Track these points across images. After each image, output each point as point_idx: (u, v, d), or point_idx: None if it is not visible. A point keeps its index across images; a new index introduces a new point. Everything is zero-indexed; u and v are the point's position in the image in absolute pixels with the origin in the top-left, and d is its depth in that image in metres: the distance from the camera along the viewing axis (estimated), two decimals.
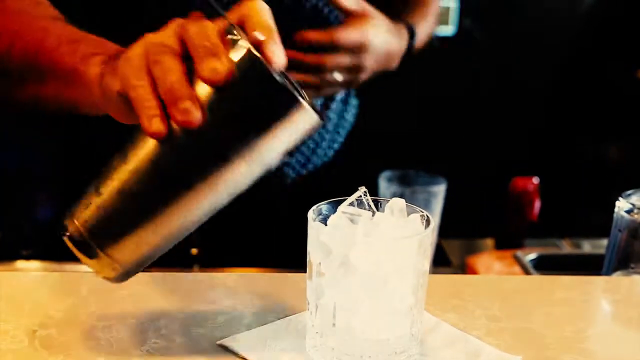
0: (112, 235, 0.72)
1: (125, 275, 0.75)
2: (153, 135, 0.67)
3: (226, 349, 0.78)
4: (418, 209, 0.77)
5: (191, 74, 0.68)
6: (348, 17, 1.25)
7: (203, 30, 0.68)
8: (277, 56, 0.69)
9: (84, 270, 0.77)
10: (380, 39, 1.27)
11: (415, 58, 1.46)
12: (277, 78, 0.67)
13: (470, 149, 2.49)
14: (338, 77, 1.24)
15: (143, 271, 0.92)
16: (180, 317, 0.83)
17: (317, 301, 0.75)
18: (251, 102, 0.67)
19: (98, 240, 0.72)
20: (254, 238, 1.40)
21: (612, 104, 2.48)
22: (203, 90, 0.67)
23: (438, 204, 1.54)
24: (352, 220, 0.74)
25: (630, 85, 2.48)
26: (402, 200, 0.77)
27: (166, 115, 0.67)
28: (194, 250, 1.38)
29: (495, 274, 1.50)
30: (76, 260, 0.75)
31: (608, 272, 1.03)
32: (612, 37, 2.46)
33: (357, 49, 1.23)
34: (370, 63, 1.27)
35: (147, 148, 0.69)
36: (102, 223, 0.71)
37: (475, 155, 2.50)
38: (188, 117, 0.66)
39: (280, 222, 1.34)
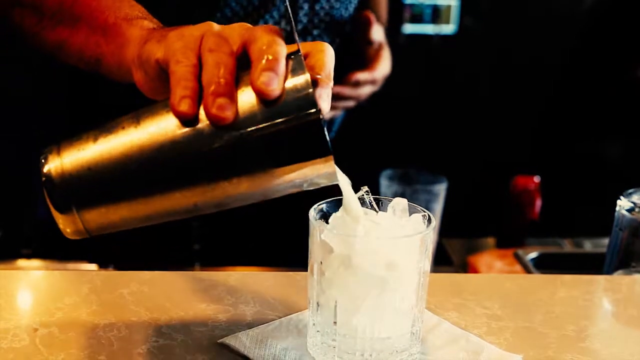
0: (90, 189, 0.68)
1: (80, 233, 0.71)
2: (177, 114, 0.66)
3: (227, 348, 0.78)
4: (419, 208, 0.77)
5: (237, 80, 0.67)
6: (372, 46, 1.41)
7: (274, 43, 0.67)
8: (325, 102, 0.69)
9: (85, 269, 0.77)
10: (387, 55, 1.45)
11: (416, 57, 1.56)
12: (323, 122, 0.66)
13: (471, 148, 2.49)
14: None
15: (144, 270, 0.92)
16: (181, 316, 0.83)
17: (318, 300, 0.75)
18: (286, 130, 0.66)
19: (73, 186, 0.68)
20: (255, 237, 1.41)
21: (613, 103, 2.47)
22: (245, 96, 0.66)
23: (439, 203, 1.54)
24: (353, 218, 0.74)
25: (631, 85, 2.48)
26: (405, 200, 0.77)
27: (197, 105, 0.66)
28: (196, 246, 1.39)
29: (497, 272, 1.50)
30: (77, 258, 0.74)
31: (609, 271, 1.03)
32: (613, 36, 2.46)
33: (374, 81, 1.41)
34: (381, 73, 1.44)
35: (162, 123, 0.67)
36: (85, 171, 0.68)
37: (476, 154, 2.50)
38: (221, 113, 0.65)
39: (282, 221, 1.34)
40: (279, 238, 1.38)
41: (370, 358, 0.74)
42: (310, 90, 0.66)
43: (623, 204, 1.00)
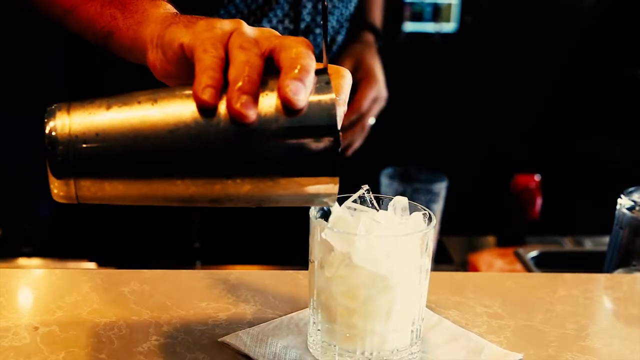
0: (93, 156, 0.66)
1: (69, 199, 0.68)
2: (199, 101, 0.65)
3: (228, 346, 0.78)
4: (420, 206, 0.77)
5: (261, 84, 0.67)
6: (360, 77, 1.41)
7: (306, 56, 0.67)
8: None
9: (85, 267, 0.77)
10: (380, 71, 1.44)
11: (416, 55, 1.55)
12: (340, 141, 0.66)
13: (471, 147, 2.49)
14: (372, 120, 1.42)
15: (144, 268, 0.92)
16: (181, 314, 0.83)
17: (319, 298, 0.75)
18: (303, 143, 0.66)
19: (77, 149, 0.66)
20: (255, 235, 1.41)
21: (614, 101, 2.47)
22: (267, 101, 0.66)
23: (440, 202, 1.54)
24: (353, 217, 0.74)
25: (632, 83, 2.48)
26: (405, 198, 0.77)
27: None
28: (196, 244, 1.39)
29: (497, 271, 1.50)
30: (77, 256, 0.74)
31: (609, 270, 1.03)
32: (614, 35, 2.46)
33: (375, 99, 1.42)
34: (383, 91, 1.45)
35: (179, 107, 0.66)
36: (92, 136, 0.66)
37: (476, 153, 2.50)
38: (244, 110, 0.64)
39: (282, 219, 1.34)
40: (280, 236, 1.38)
41: (371, 357, 0.74)
42: (334, 110, 0.66)
43: (623, 203, 1.00)
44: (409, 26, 2.44)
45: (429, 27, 2.44)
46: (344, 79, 0.71)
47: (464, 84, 2.46)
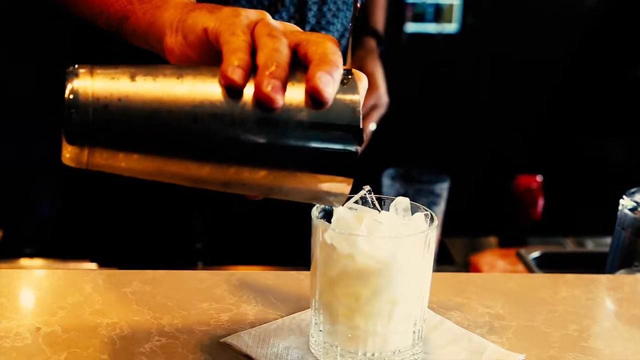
0: (113, 123, 0.64)
1: (79, 164, 0.66)
2: (228, 81, 0.65)
3: (230, 347, 0.78)
4: (422, 207, 0.77)
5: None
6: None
7: (336, 52, 0.67)
8: None
9: (87, 268, 0.77)
10: (381, 77, 1.45)
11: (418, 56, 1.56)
12: (362, 141, 0.66)
13: (473, 147, 2.49)
14: (373, 126, 1.43)
15: (146, 269, 0.92)
16: (183, 315, 0.83)
17: (321, 299, 0.75)
18: (324, 138, 0.66)
19: (97, 113, 0.63)
20: (257, 236, 1.41)
21: (616, 102, 2.47)
22: (293, 91, 0.66)
23: (441, 202, 1.54)
24: (355, 217, 0.74)
25: (633, 84, 2.48)
26: (407, 199, 0.77)
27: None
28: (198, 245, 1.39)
29: (499, 272, 1.50)
30: (79, 257, 0.73)
31: (611, 270, 1.03)
32: (615, 36, 2.46)
33: (375, 106, 1.42)
34: (384, 97, 1.45)
35: (205, 85, 0.65)
36: (115, 102, 0.64)
37: (478, 154, 2.50)
38: (272, 94, 0.64)
39: (284, 220, 1.34)
40: (282, 237, 1.38)
41: (373, 357, 0.74)
42: (359, 109, 0.66)
43: (625, 203, 1.00)
44: (411, 27, 2.44)
45: (430, 27, 2.44)
46: (361, 82, 0.71)
47: (466, 85, 2.46)
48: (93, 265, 1.35)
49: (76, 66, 0.65)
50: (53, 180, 1.61)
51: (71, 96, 0.64)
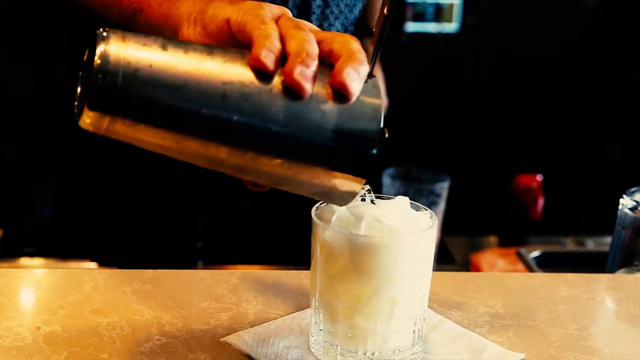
0: (141, 88, 0.62)
1: (96, 129, 0.64)
2: (258, 64, 0.65)
3: (230, 346, 0.78)
4: (422, 206, 0.77)
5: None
6: None
7: (361, 51, 0.68)
8: None
9: (87, 267, 0.77)
10: (381, 79, 1.42)
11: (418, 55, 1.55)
12: (383, 142, 0.66)
13: (474, 147, 2.49)
14: None
15: (146, 268, 0.92)
16: (183, 314, 0.83)
17: (321, 298, 0.75)
18: (344, 134, 0.66)
19: (127, 77, 0.62)
20: (258, 235, 1.41)
21: (617, 101, 2.47)
22: (319, 83, 0.66)
23: (442, 202, 1.54)
24: (355, 217, 0.74)
25: (634, 83, 2.48)
26: (407, 198, 0.77)
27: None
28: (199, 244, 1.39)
29: (499, 271, 1.50)
30: (79, 256, 0.73)
31: (612, 270, 1.03)
32: (615, 35, 2.46)
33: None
34: (383, 99, 1.40)
35: (234, 64, 0.65)
36: (146, 67, 0.63)
37: (478, 153, 2.50)
38: (302, 81, 0.65)
39: (285, 220, 1.34)
40: (282, 236, 1.38)
41: (373, 357, 0.74)
42: (381, 110, 0.66)
43: (626, 203, 1.00)
44: (411, 26, 2.44)
45: (431, 27, 2.44)
46: (381, 85, 0.72)
47: (466, 84, 2.46)
48: (93, 265, 1.35)
49: (107, 29, 0.64)
50: (53, 180, 1.61)
51: (100, 60, 0.62)
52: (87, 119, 0.63)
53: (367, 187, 0.76)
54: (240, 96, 0.64)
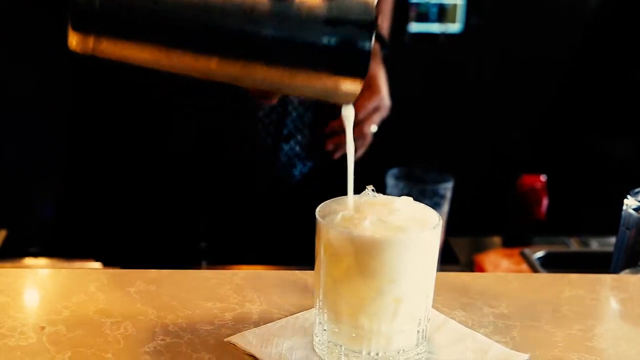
0: (117, 6, 0.62)
1: (84, 50, 0.65)
2: None
3: (234, 346, 0.78)
4: (426, 206, 0.77)
5: None
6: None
7: None
8: None
9: (91, 267, 0.77)
10: (384, 80, 1.44)
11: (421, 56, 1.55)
12: (375, 37, 0.65)
13: (477, 147, 2.49)
14: (374, 129, 1.43)
15: (150, 268, 0.92)
16: (187, 314, 0.83)
17: (325, 298, 0.75)
18: (338, 32, 0.65)
19: (105, 9, 0.62)
20: (261, 235, 1.41)
21: (620, 101, 2.47)
22: None
23: (445, 202, 1.54)
24: (360, 216, 0.74)
25: (638, 83, 2.47)
26: (410, 199, 0.77)
27: None
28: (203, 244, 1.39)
29: (503, 271, 1.50)
30: (83, 256, 0.73)
31: (616, 270, 1.03)
32: (618, 35, 2.45)
33: (377, 109, 1.42)
34: (386, 100, 1.43)
35: None
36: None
37: (482, 153, 2.50)
38: None
39: (288, 220, 1.34)
40: (286, 236, 1.38)
41: (377, 357, 0.74)
42: (374, 6, 0.65)
43: (630, 203, 1.00)
44: (415, 27, 2.44)
45: (434, 27, 2.44)
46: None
47: (470, 85, 2.46)
48: (97, 265, 1.35)
49: None
50: (56, 180, 1.61)
51: None
52: (74, 41, 0.64)
53: (371, 187, 0.76)
54: (222, 1, 0.63)
